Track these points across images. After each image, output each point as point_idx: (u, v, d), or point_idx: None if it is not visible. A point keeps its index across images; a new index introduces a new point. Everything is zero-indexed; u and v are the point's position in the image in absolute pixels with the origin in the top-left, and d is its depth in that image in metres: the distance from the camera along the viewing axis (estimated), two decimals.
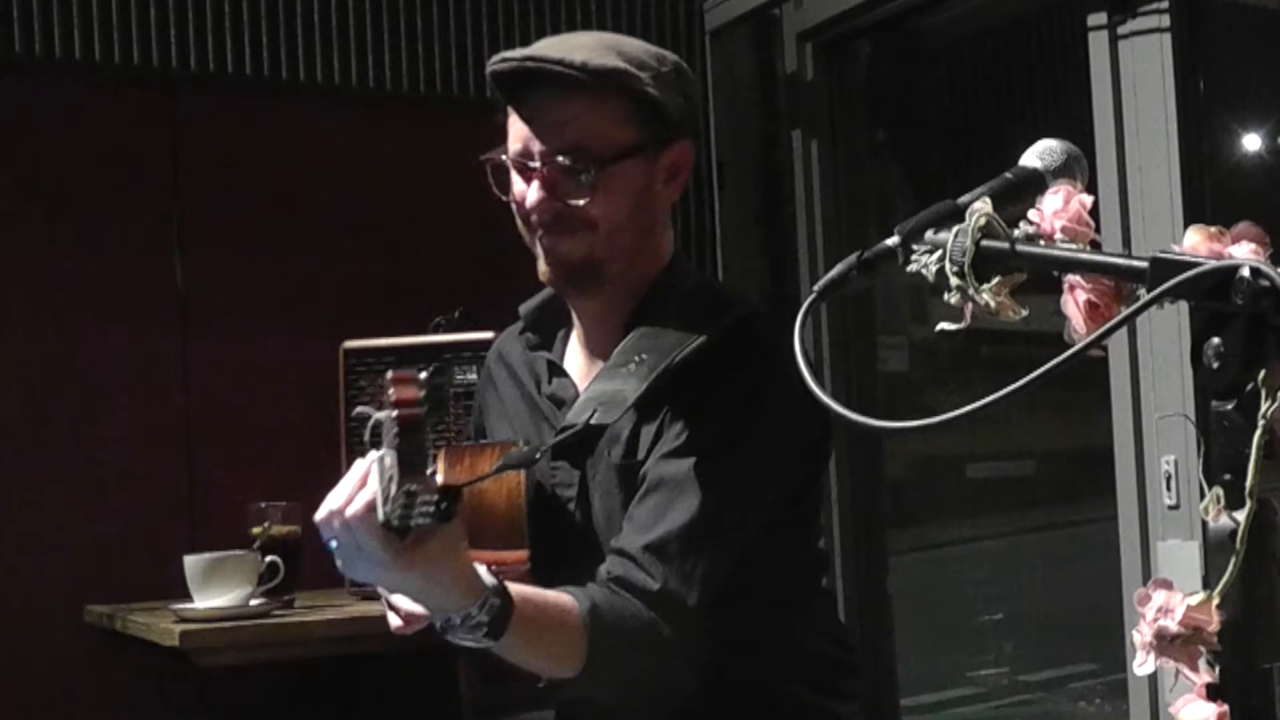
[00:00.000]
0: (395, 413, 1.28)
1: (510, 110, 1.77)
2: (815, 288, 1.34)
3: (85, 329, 3.20)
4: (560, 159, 1.72)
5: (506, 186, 1.80)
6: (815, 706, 1.82)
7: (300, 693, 3.15)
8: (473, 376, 2.85)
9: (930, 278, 1.24)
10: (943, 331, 1.35)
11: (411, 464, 1.29)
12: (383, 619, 2.71)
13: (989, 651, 3.89)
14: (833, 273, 1.34)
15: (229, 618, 2.59)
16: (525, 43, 3.71)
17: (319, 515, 1.50)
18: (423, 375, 1.31)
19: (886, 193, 3.86)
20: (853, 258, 1.34)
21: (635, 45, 1.78)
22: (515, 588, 1.54)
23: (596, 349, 1.84)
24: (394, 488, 1.30)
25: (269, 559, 2.72)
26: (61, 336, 3.18)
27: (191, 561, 2.63)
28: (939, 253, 1.23)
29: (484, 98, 3.60)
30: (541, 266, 1.82)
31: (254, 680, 2.93)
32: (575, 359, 1.89)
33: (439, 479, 1.35)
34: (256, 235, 3.38)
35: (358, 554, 1.48)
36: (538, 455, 1.68)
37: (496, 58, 1.74)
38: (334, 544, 1.51)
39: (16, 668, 3.04)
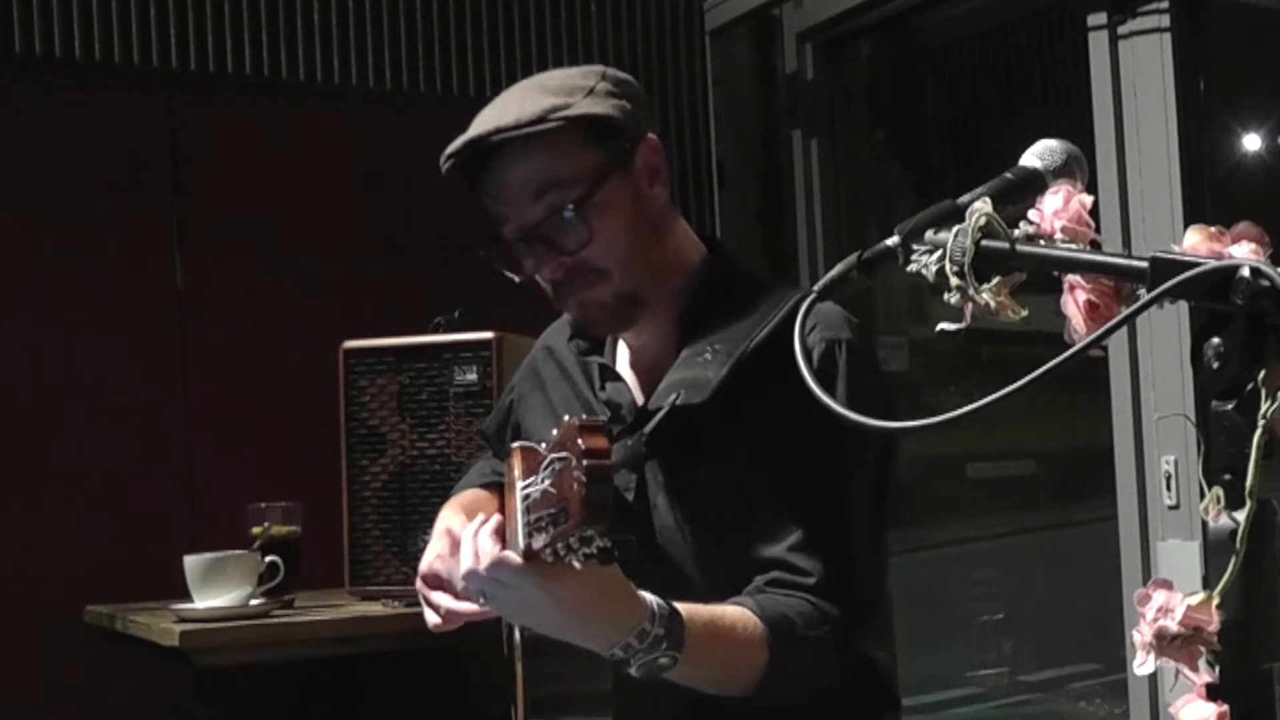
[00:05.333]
0: (585, 462, 1.27)
1: (484, 197, 1.77)
2: (815, 288, 1.34)
3: (85, 329, 3.20)
4: (544, 214, 1.71)
5: (518, 267, 1.78)
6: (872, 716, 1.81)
7: (300, 693, 3.15)
8: (473, 376, 2.86)
9: (930, 278, 1.24)
10: (943, 331, 1.35)
11: (594, 512, 1.28)
12: (383, 619, 2.73)
13: (989, 651, 3.89)
14: (833, 273, 1.34)
15: (229, 618, 2.59)
16: (525, 43, 3.73)
17: (461, 586, 1.52)
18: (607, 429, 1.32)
19: (886, 193, 3.86)
20: (853, 258, 1.34)
21: (558, 76, 1.78)
22: (680, 605, 1.52)
23: (650, 352, 1.83)
24: (558, 526, 1.31)
25: (269, 559, 2.72)
26: (61, 336, 3.18)
27: (191, 561, 2.63)
28: (939, 253, 1.23)
29: (484, 98, 3.62)
30: (579, 322, 1.84)
31: (254, 680, 2.93)
32: (627, 363, 1.88)
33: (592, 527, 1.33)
34: (256, 235, 3.38)
35: (511, 599, 1.49)
36: (643, 448, 1.69)
37: (443, 157, 1.75)
38: (484, 601, 1.52)
39: (16, 668, 3.04)
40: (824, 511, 1.67)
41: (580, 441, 1.28)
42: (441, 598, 1.75)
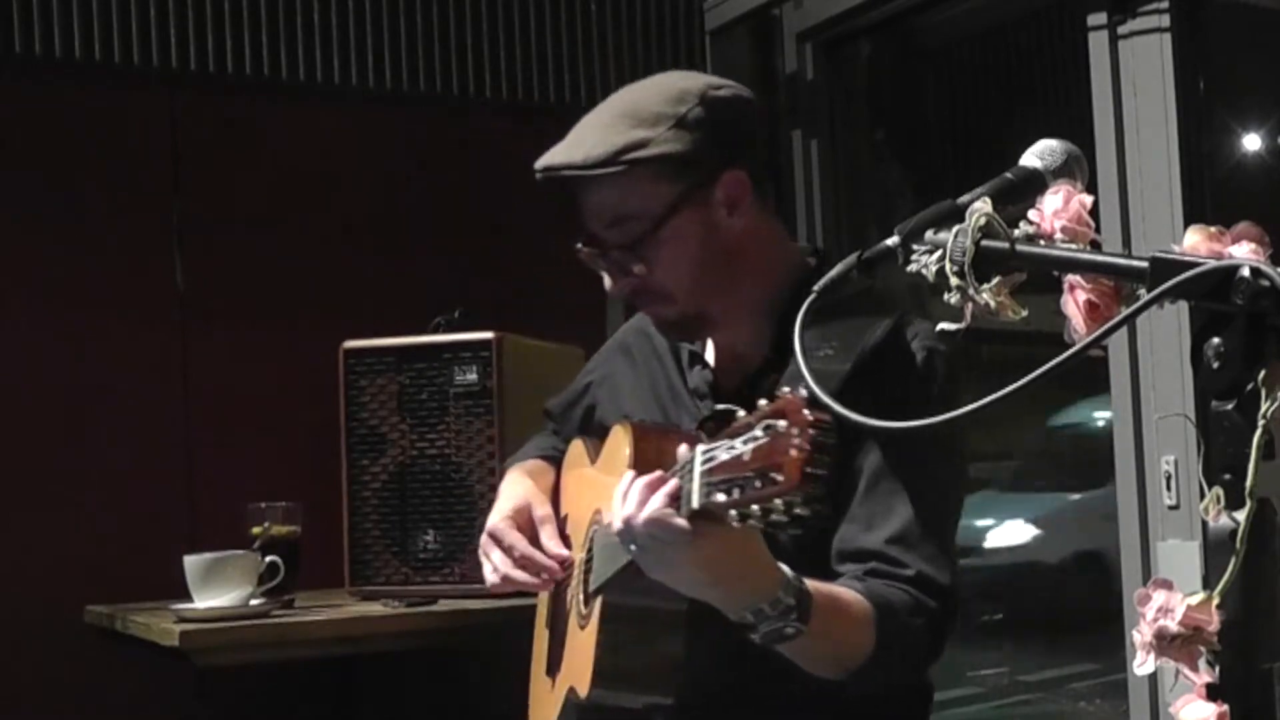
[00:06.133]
0: (812, 432, 1.31)
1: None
2: (815, 287, 1.34)
3: (85, 329, 3.20)
4: (612, 241, 1.78)
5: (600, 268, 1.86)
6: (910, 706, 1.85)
7: (300, 693, 3.15)
8: (473, 376, 2.85)
9: (930, 278, 1.24)
10: (943, 331, 1.35)
11: (811, 480, 1.31)
12: (383, 619, 2.73)
13: (989, 651, 3.89)
14: (833, 272, 1.35)
15: (229, 618, 2.59)
16: (525, 44, 3.73)
17: (616, 526, 1.53)
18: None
19: (886, 193, 3.86)
20: (853, 258, 1.35)
21: (654, 97, 1.77)
22: (806, 580, 1.57)
23: (736, 350, 1.86)
24: (754, 489, 1.34)
25: (269, 559, 2.71)
26: (62, 336, 3.18)
27: (191, 561, 2.63)
28: (939, 253, 1.23)
29: (484, 98, 3.63)
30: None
31: (254, 680, 2.93)
32: (712, 354, 1.91)
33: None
34: (256, 235, 3.38)
35: (661, 554, 1.50)
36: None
37: (534, 167, 1.81)
38: (634, 548, 1.53)
39: (16, 668, 3.04)
40: (922, 507, 1.72)
41: (807, 413, 1.31)
42: (501, 559, 1.85)
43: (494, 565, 1.92)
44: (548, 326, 3.13)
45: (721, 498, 1.38)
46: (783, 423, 1.33)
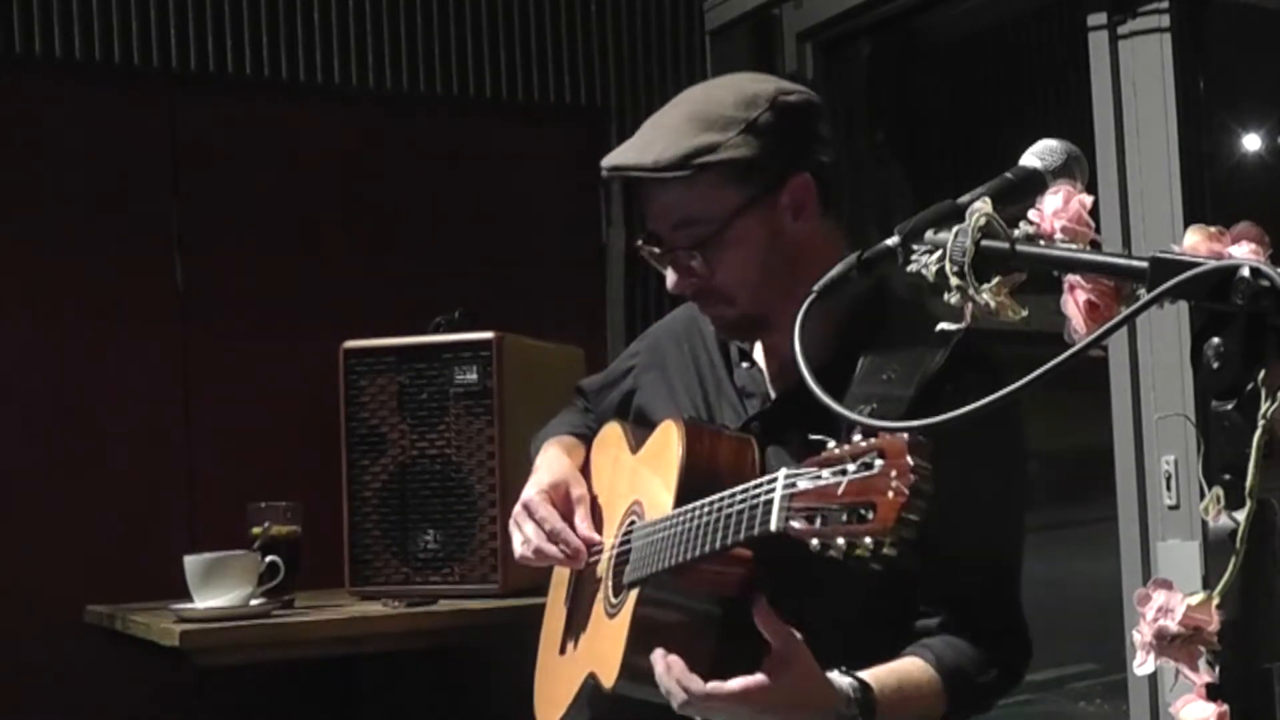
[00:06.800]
0: (914, 478, 1.32)
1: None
2: (815, 287, 1.34)
3: (85, 329, 3.20)
4: (678, 243, 1.78)
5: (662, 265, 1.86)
6: None
7: (300, 693, 3.15)
8: (473, 376, 2.85)
9: (930, 278, 1.24)
10: (942, 332, 1.35)
11: (907, 525, 1.33)
12: (383, 619, 2.72)
13: None
14: (833, 272, 1.35)
15: (229, 618, 2.59)
16: (525, 44, 3.72)
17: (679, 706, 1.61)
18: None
19: (886, 193, 3.86)
20: (853, 258, 1.35)
21: (725, 100, 1.77)
22: (866, 673, 1.63)
23: (788, 352, 1.84)
24: (842, 524, 1.35)
25: (269, 559, 2.71)
26: (61, 336, 3.18)
27: (191, 561, 2.63)
28: (939, 253, 1.23)
29: (484, 98, 3.63)
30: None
31: (254, 680, 2.93)
32: (762, 352, 1.91)
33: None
34: (256, 235, 3.38)
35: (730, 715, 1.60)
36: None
37: (601, 164, 1.82)
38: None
39: (16, 668, 3.04)
40: (996, 549, 1.77)
41: (910, 459, 1.32)
42: (535, 531, 1.88)
43: (526, 536, 1.92)
44: (548, 326, 3.13)
45: (799, 525, 1.39)
46: (880, 461, 1.33)
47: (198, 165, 3.34)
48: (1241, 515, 1.01)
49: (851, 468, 1.36)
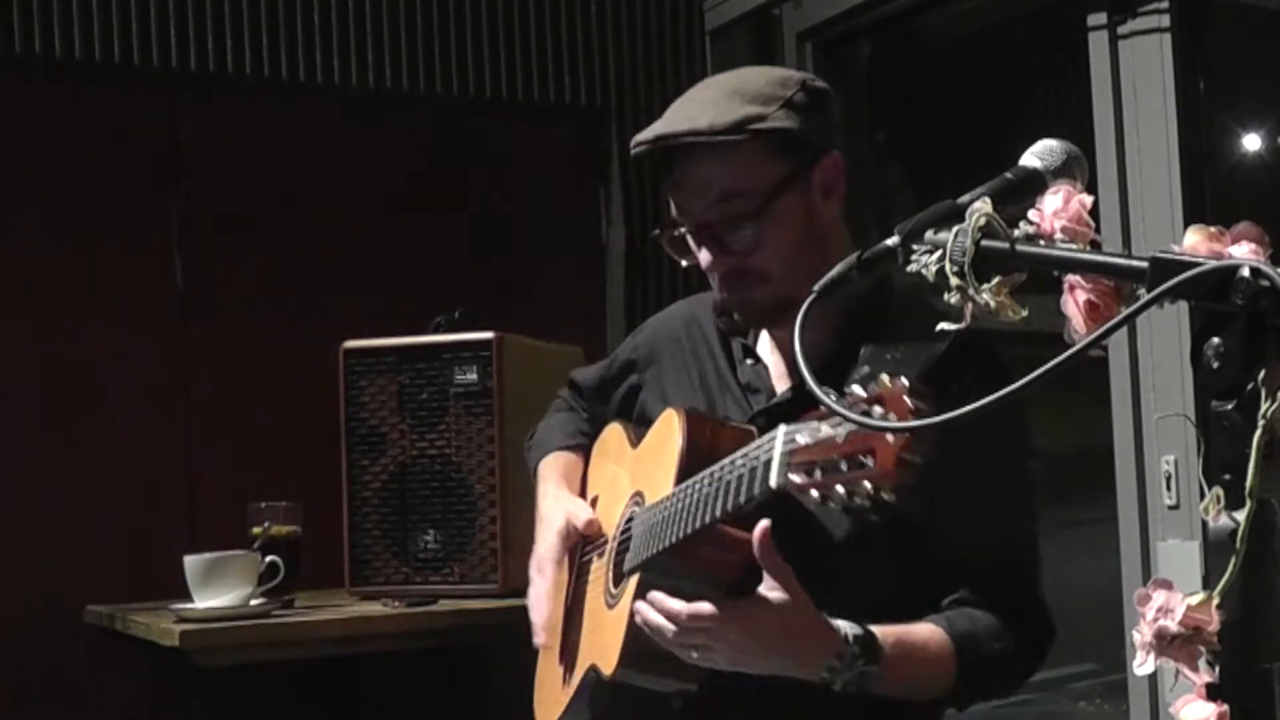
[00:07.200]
0: (911, 418, 1.28)
1: (668, 183, 1.82)
2: (815, 287, 1.34)
3: (85, 329, 3.20)
4: (719, 218, 1.77)
5: (687, 254, 1.84)
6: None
7: (300, 693, 3.15)
8: (473, 376, 2.85)
9: (930, 278, 1.24)
10: (943, 332, 1.35)
11: (908, 469, 1.31)
12: (383, 619, 2.73)
13: None
14: (833, 272, 1.35)
15: (229, 618, 2.59)
16: (525, 44, 3.72)
17: (674, 640, 1.61)
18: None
19: (886, 193, 3.86)
20: (853, 258, 1.35)
21: (759, 79, 1.79)
22: (871, 626, 1.64)
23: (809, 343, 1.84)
24: (841, 473, 1.33)
25: (269, 559, 2.71)
26: (62, 336, 3.18)
27: (191, 561, 2.63)
28: (939, 253, 1.23)
29: (484, 98, 3.63)
30: (736, 312, 1.88)
31: (254, 680, 2.93)
32: (769, 347, 1.92)
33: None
34: (256, 235, 3.38)
35: (724, 644, 1.59)
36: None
37: (634, 142, 1.80)
38: (695, 655, 1.61)
39: (16, 668, 3.04)
40: (1011, 523, 1.78)
41: (907, 400, 1.29)
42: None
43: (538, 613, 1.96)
44: (548, 326, 3.13)
45: (799, 478, 1.38)
46: (879, 409, 1.30)
47: (198, 165, 3.34)
48: (1241, 515, 1.01)
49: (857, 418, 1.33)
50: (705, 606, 1.57)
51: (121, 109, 3.28)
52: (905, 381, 1.29)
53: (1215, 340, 1.03)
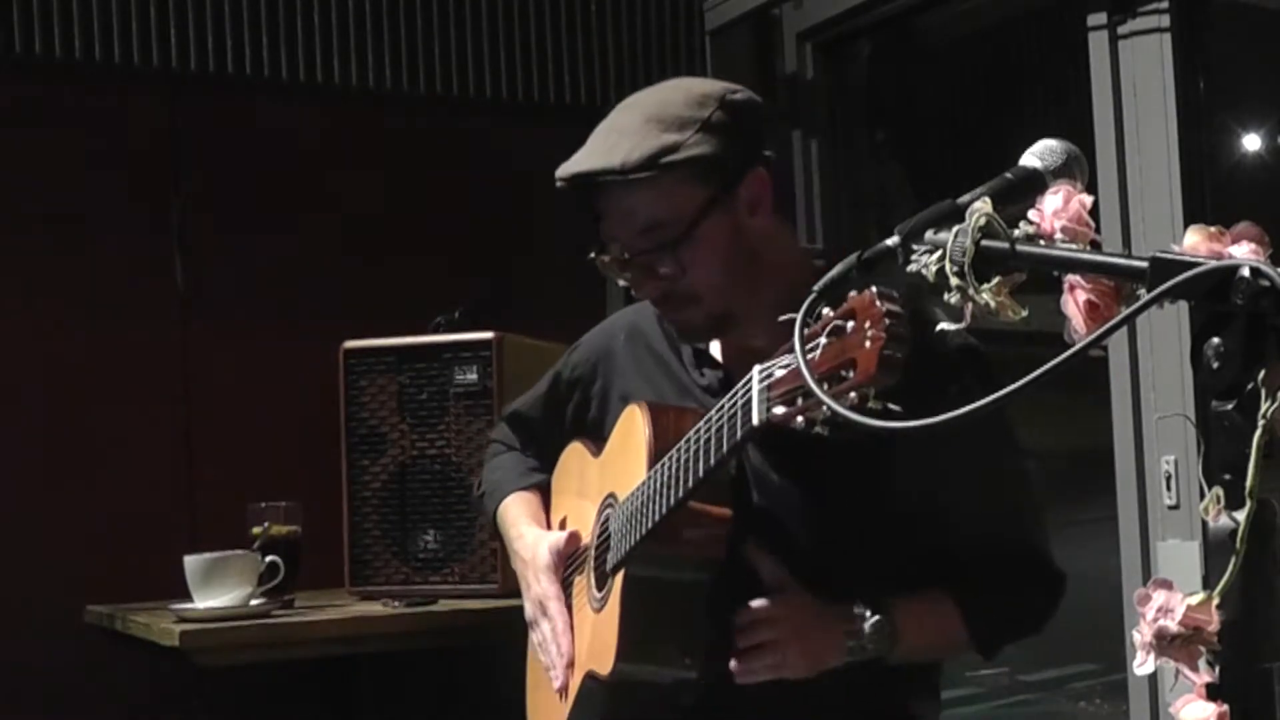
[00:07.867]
0: (888, 321, 1.24)
1: (594, 213, 1.84)
2: (815, 288, 1.34)
3: (85, 329, 3.20)
4: (645, 246, 1.77)
5: (621, 273, 1.85)
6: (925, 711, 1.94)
7: (300, 693, 3.14)
8: (473, 376, 2.85)
9: (930, 278, 1.24)
10: (942, 332, 1.35)
11: (890, 367, 1.26)
12: (383, 619, 2.73)
13: None
14: (833, 272, 1.34)
15: (229, 618, 2.59)
16: (525, 44, 3.71)
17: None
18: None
19: (886, 193, 3.86)
20: (853, 258, 1.34)
21: (676, 101, 1.78)
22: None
23: (746, 347, 1.84)
24: (831, 386, 1.29)
25: (269, 559, 2.71)
26: (62, 336, 3.18)
27: (191, 561, 2.63)
28: (939, 253, 1.23)
29: (484, 98, 3.62)
30: (676, 332, 1.90)
31: (254, 680, 2.93)
32: (718, 350, 1.92)
33: None
34: (256, 235, 3.38)
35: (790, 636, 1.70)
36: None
37: (556, 175, 1.82)
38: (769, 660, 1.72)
39: (17, 668, 3.04)
40: (1018, 502, 1.84)
41: (879, 304, 1.26)
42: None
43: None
44: (548, 326, 3.12)
45: (782, 410, 1.38)
46: (851, 323, 1.28)
47: (198, 165, 3.34)
48: (1241, 515, 1.01)
49: (824, 340, 1.31)
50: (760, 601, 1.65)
51: (121, 109, 3.28)
52: (874, 289, 1.26)
53: (1215, 340, 1.03)
